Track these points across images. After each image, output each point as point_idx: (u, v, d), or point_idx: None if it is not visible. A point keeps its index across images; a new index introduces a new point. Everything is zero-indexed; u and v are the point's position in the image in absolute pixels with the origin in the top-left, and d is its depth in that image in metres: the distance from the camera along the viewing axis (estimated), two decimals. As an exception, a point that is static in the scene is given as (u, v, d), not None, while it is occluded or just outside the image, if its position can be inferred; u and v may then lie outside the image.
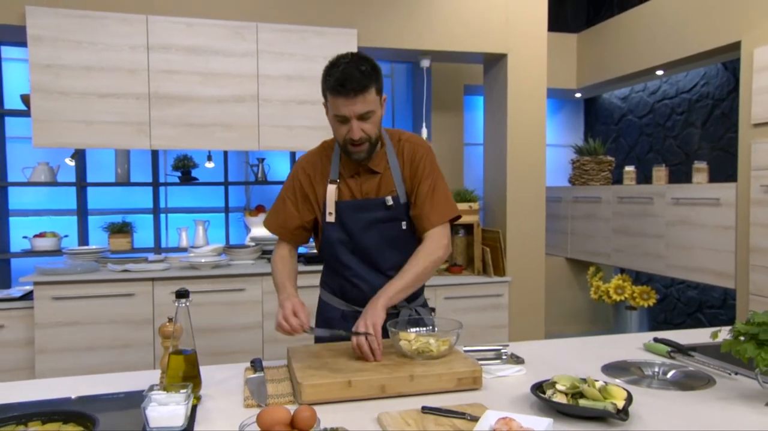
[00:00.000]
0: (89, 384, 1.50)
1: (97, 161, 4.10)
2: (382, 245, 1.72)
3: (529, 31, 3.83)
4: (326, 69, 1.61)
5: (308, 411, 1.06)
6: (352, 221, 1.71)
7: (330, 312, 1.84)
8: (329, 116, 1.65)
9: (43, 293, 3.04)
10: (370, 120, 1.59)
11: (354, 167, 1.71)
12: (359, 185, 1.72)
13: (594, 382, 1.25)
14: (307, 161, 1.79)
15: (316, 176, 1.75)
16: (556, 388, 1.25)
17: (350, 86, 1.52)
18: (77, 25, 3.12)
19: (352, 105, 1.55)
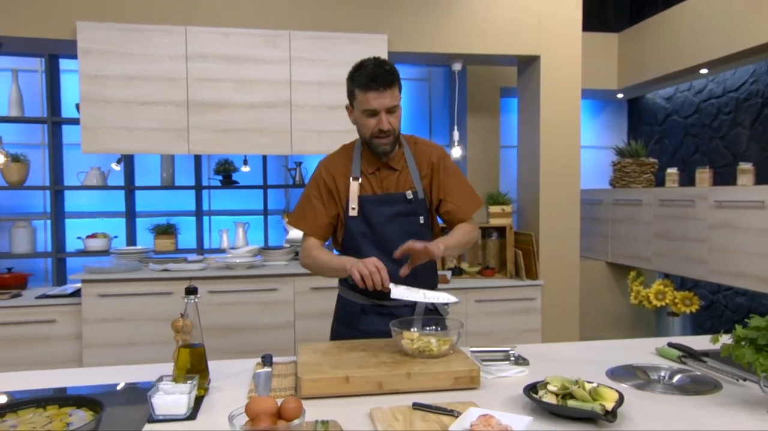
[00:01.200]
0: (112, 374, 1.61)
1: (145, 166, 4.32)
2: (402, 237, 1.78)
3: (562, 32, 3.79)
4: (353, 71, 1.79)
5: (294, 402, 1.11)
6: (374, 214, 1.81)
7: (350, 307, 1.90)
8: (355, 114, 1.80)
9: (90, 291, 3.23)
10: (394, 114, 1.75)
11: (374, 163, 1.84)
12: (379, 181, 1.84)
13: (585, 383, 1.25)
14: (328, 161, 1.91)
15: (338, 174, 1.85)
16: (548, 389, 1.26)
17: (381, 81, 1.69)
18: (122, 38, 3.31)
19: (381, 98, 1.70)
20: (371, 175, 1.84)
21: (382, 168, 1.84)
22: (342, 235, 1.86)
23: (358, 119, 1.78)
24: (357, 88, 1.74)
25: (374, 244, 1.82)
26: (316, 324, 3.46)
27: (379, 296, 1.77)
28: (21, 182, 3.97)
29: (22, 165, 3.94)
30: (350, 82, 1.78)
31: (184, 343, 1.43)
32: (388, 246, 1.78)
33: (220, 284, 3.36)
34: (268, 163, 4.39)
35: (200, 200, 4.33)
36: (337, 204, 1.85)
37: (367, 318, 1.86)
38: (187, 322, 1.44)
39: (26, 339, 3.24)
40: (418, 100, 4.90)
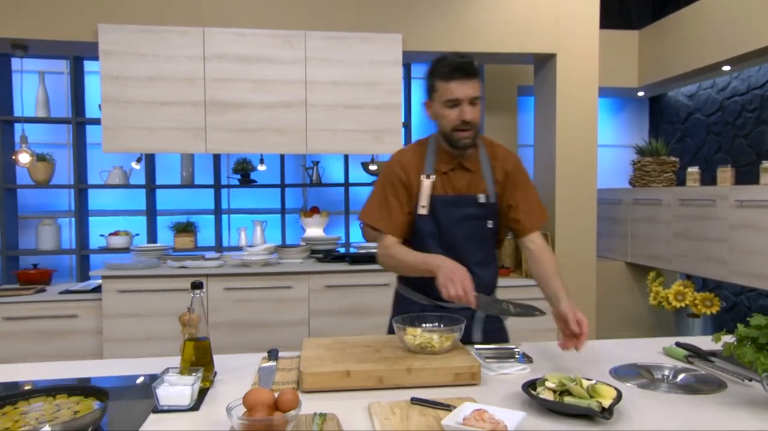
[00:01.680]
0: (125, 366, 1.66)
1: (166, 165, 4.40)
2: (469, 240, 1.81)
3: (579, 30, 3.76)
4: (433, 64, 1.75)
5: (291, 394, 1.13)
6: (445, 215, 1.79)
7: (410, 307, 1.87)
8: (435, 107, 1.76)
9: (110, 287, 3.31)
10: (476, 107, 1.72)
11: (450, 162, 1.82)
12: (452, 182, 1.81)
13: (582, 381, 1.25)
14: (402, 156, 1.87)
15: (411, 171, 1.82)
16: (546, 385, 1.26)
17: (463, 70, 1.67)
18: (142, 40, 3.39)
19: (464, 88, 1.67)
20: (444, 174, 1.81)
21: (456, 168, 1.82)
22: (412, 231, 1.84)
23: (439, 112, 1.74)
24: (438, 79, 1.71)
25: (440, 245, 1.80)
26: (330, 321, 3.49)
27: (441, 297, 1.68)
28: (47, 181, 4.08)
29: (48, 164, 4.05)
30: (430, 76, 1.75)
31: (190, 336, 1.47)
32: (455, 248, 1.78)
33: (236, 281, 3.42)
34: (285, 162, 4.44)
35: (219, 199, 4.40)
36: (411, 201, 1.82)
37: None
38: (193, 316, 1.47)
39: (50, 332, 3.34)
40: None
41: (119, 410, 1.31)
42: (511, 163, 1.87)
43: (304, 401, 1.35)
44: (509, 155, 1.90)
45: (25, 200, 4.32)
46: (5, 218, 3.99)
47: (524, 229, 1.85)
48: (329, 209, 4.55)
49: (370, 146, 3.64)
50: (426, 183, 1.79)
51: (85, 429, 1.15)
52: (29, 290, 3.46)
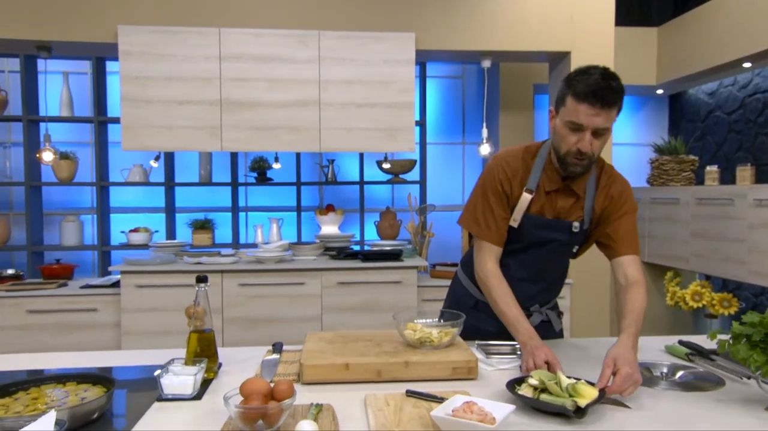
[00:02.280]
0: (138, 358, 1.72)
1: (185, 163, 4.49)
2: (549, 260, 1.75)
3: (594, 28, 3.73)
4: (574, 73, 1.54)
5: (286, 384, 1.17)
6: (532, 234, 1.70)
7: (464, 298, 1.87)
8: (557, 121, 1.59)
9: (128, 282, 3.40)
10: (602, 137, 1.54)
11: (557, 182, 1.67)
12: (552, 203, 1.69)
13: (563, 379, 1.25)
14: (506, 161, 1.72)
15: (515, 179, 1.70)
16: (529, 382, 1.27)
17: (601, 97, 1.46)
18: (160, 40, 3.46)
19: (595, 116, 1.48)
20: (547, 194, 1.68)
21: (562, 190, 1.68)
22: None
23: (559, 129, 1.57)
24: (571, 95, 1.51)
25: (517, 256, 1.75)
26: (342, 317, 3.53)
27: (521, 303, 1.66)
28: (70, 179, 4.19)
29: (71, 162, 4.17)
30: (565, 85, 1.54)
31: (194, 329, 1.51)
32: (532, 264, 1.74)
33: (250, 278, 3.48)
34: (301, 160, 4.49)
35: (236, 197, 4.47)
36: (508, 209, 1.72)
37: (477, 314, 1.82)
38: (198, 309, 1.52)
39: (71, 325, 3.44)
40: (452, 98, 4.91)
41: (127, 397, 1.36)
42: (617, 189, 1.70)
43: (304, 392, 1.40)
44: (618, 179, 1.72)
45: (50, 197, 4.45)
46: (31, 215, 4.11)
47: (611, 253, 1.70)
48: (345, 207, 4.59)
49: (383, 145, 3.67)
50: (525, 198, 1.67)
51: (91, 414, 1.20)
52: (52, 284, 3.56)
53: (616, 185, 1.70)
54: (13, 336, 3.38)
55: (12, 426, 1.07)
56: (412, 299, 3.56)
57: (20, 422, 1.04)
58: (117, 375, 1.50)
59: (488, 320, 1.78)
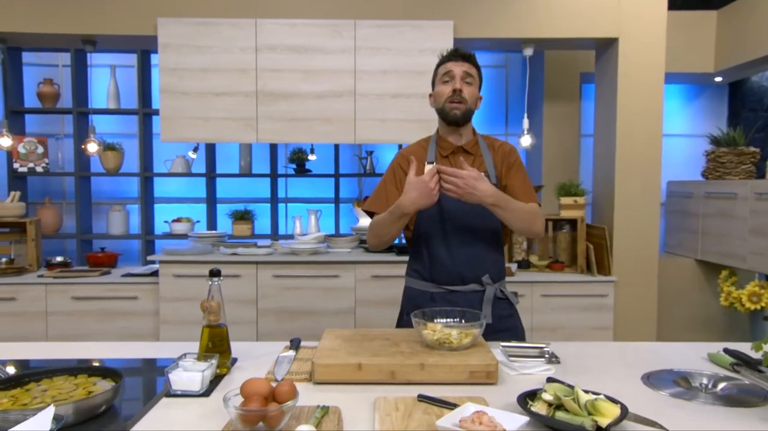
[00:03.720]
0: (167, 350, 1.72)
1: (226, 154, 4.54)
2: (473, 220, 1.87)
3: (644, 12, 3.53)
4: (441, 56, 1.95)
5: (287, 386, 1.13)
6: (447, 197, 1.79)
7: (418, 298, 1.93)
8: (435, 92, 1.92)
9: (166, 271, 3.46)
10: (471, 86, 1.87)
11: (449, 147, 1.93)
12: (454, 164, 1.86)
13: (581, 394, 1.14)
14: (406, 149, 2.03)
15: (414, 158, 1.84)
16: (542, 397, 1.18)
17: (460, 53, 1.89)
18: (197, 32, 3.49)
19: (459, 65, 1.86)
20: (445, 158, 1.92)
21: (457, 151, 1.92)
22: (415, 218, 1.91)
23: (436, 91, 1.91)
24: (439, 65, 1.91)
25: (445, 226, 1.88)
26: (376, 311, 3.49)
27: (450, 282, 1.87)
28: (116, 169, 4.30)
29: (117, 153, 4.27)
30: (434, 70, 1.94)
31: (210, 323, 1.49)
32: (459, 228, 1.87)
33: (284, 269, 3.48)
34: (340, 152, 4.46)
35: (275, 188, 4.49)
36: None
37: (435, 304, 1.86)
38: (212, 303, 1.50)
39: (113, 312, 3.53)
40: (496, 87, 4.77)
41: (138, 391, 1.35)
42: (508, 148, 1.99)
43: (314, 392, 1.36)
44: (507, 145, 2.01)
45: (100, 186, 4.59)
46: (80, 204, 4.24)
47: None
48: (383, 199, 4.53)
49: (418, 136, 3.53)
50: (428, 168, 1.81)
51: (98, 408, 1.19)
52: (96, 272, 3.67)
53: (506, 145, 2.00)
54: (60, 321, 3.50)
55: (16, 418, 1.07)
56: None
57: (25, 415, 1.04)
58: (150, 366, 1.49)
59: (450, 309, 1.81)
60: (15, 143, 4.02)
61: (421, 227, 1.91)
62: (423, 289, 1.92)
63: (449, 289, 1.88)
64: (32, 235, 3.76)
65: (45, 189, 4.54)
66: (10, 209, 3.79)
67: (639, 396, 1.33)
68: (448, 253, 1.87)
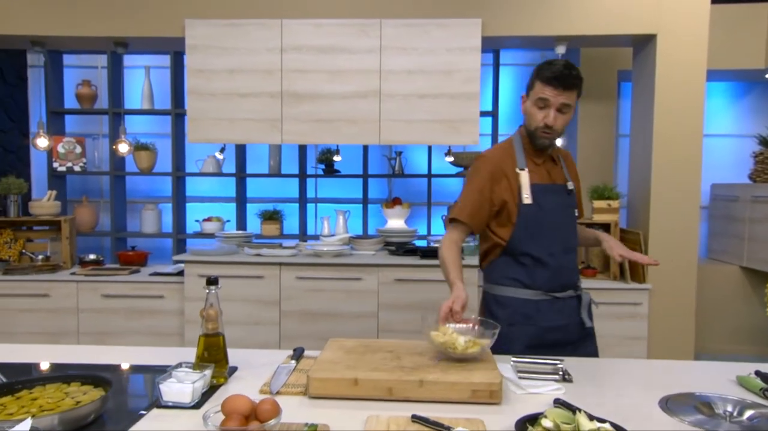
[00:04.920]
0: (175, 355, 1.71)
1: (257, 154, 4.55)
2: (567, 226, 1.91)
3: (685, 6, 3.35)
4: (543, 64, 1.84)
5: (269, 404, 1.08)
6: (546, 202, 1.87)
7: (522, 307, 1.87)
8: (528, 104, 1.87)
9: (191, 271, 3.48)
10: (565, 116, 1.82)
11: (539, 154, 1.92)
12: (544, 171, 1.92)
13: (583, 422, 1.05)
14: (491, 154, 1.96)
15: (505, 166, 1.89)
16: (543, 424, 1.09)
17: (565, 81, 1.77)
18: (224, 33, 3.50)
19: (559, 95, 1.78)
20: (537, 166, 1.91)
21: (547, 160, 1.94)
22: (515, 223, 1.86)
23: (529, 109, 1.86)
24: (538, 79, 1.81)
25: (545, 232, 1.86)
26: (398, 315, 3.43)
27: (552, 289, 1.85)
28: (150, 169, 4.37)
29: (151, 153, 4.34)
30: (534, 74, 1.85)
31: (208, 331, 1.46)
32: (558, 234, 1.88)
33: (308, 271, 3.45)
34: (369, 153, 4.42)
35: (304, 188, 4.48)
36: (505, 193, 1.87)
37: (545, 316, 1.85)
38: (210, 311, 1.47)
39: (140, 310, 3.58)
40: (530, 86, 4.63)
41: (130, 402, 1.33)
42: (568, 155, 2.06)
43: (308, 407, 1.32)
44: (571, 155, 2.09)
45: (136, 186, 4.68)
46: (115, 203, 4.33)
47: None
48: (413, 200, 4.47)
49: (445, 137, 3.51)
50: (523, 174, 1.86)
51: (85, 418, 1.18)
52: (125, 270, 3.73)
53: (563, 150, 2.06)
54: (91, 318, 3.57)
55: (-4, 430, 1.06)
56: (472, 299, 3.39)
57: (2, 428, 1.03)
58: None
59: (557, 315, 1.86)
60: (53, 143, 4.14)
61: (522, 235, 1.86)
62: (526, 297, 1.86)
63: (554, 296, 1.85)
64: (66, 233, 3.85)
65: (84, 188, 4.67)
66: (47, 207, 3.90)
67: (654, 424, 1.23)
68: (553, 259, 1.85)
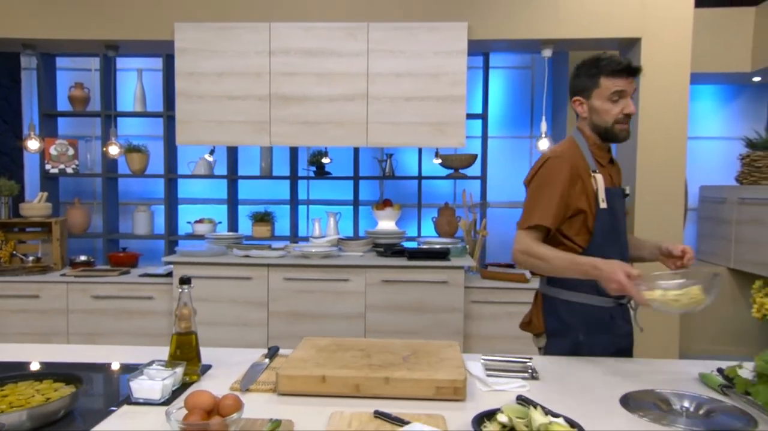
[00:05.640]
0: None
1: (250, 156, 4.58)
2: (623, 230, 1.87)
3: (669, 11, 3.39)
4: (596, 60, 1.80)
5: (231, 399, 1.11)
6: (616, 206, 1.84)
7: (598, 313, 1.80)
8: (593, 103, 1.79)
9: (179, 272, 3.51)
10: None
11: (605, 156, 1.88)
12: (609, 174, 1.87)
13: (536, 418, 1.08)
14: (567, 154, 1.81)
15: (580, 168, 1.79)
16: (498, 419, 1.12)
17: (631, 69, 1.75)
18: (213, 36, 3.53)
19: (631, 84, 1.77)
20: (603, 167, 1.85)
21: (611, 162, 1.91)
22: (593, 228, 1.78)
23: (600, 107, 1.78)
24: (604, 76, 1.76)
25: (614, 237, 1.82)
26: (385, 316, 3.46)
27: (620, 295, 1.73)
28: (142, 171, 4.40)
29: (143, 155, 4.37)
30: (592, 74, 1.78)
31: (182, 330, 1.49)
32: (622, 239, 1.84)
33: (295, 272, 3.48)
34: (361, 155, 4.45)
35: (295, 190, 4.51)
36: (582, 197, 1.77)
37: (616, 322, 1.82)
38: (184, 310, 1.50)
39: (130, 311, 3.60)
40: (521, 88, 4.67)
41: (100, 399, 1.36)
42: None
43: (276, 404, 1.34)
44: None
45: (129, 188, 4.71)
46: (107, 204, 4.36)
47: None
48: (405, 202, 4.50)
49: (432, 139, 3.54)
50: (599, 178, 1.80)
51: (54, 414, 1.21)
52: (115, 272, 3.76)
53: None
54: (81, 319, 3.60)
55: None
56: (458, 300, 3.42)
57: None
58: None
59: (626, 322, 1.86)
60: (46, 145, 4.17)
61: (600, 241, 1.78)
62: (600, 305, 1.79)
63: (619, 302, 1.82)
64: (57, 234, 3.88)
65: (76, 190, 4.69)
66: (37, 209, 3.93)
67: (612, 419, 1.26)
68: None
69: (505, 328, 3.48)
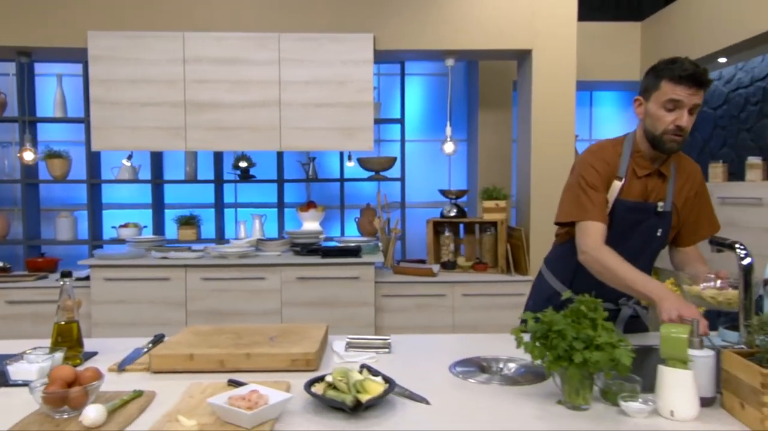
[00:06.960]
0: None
1: (176, 161, 4.65)
2: (636, 248, 1.79)
3: (555, 26, 3.71)
4: (668, 63, 1.68)
5: (91, 371, 1.27)
6: (622, 219, 1.77)
7: (553, 297, 1.88)
8: (650, 106, 1.71)
9: (98, 275, 3.59)
10: (693, 117, 1.68)
11: (647, 167, 1.78)
12: (644, 186, 1.78)
13: (352, 375, 1.29)
14: (603, 153, 1.80)
15: (610, 168, 1.78)
16: (326, 379, 1.32)
17: (698, 79, 1.63)
18: (127, 45, 3.63)
19: (692, 95, 1.64)
20: (638, 179, 1.78)
21: (653, 174, 1.79)
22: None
23: (654, 112, 1.70)
24: (667, 80, 1.65)
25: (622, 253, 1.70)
26: (301, 311, 3.63)
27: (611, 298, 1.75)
28: (63, 176, 4.42)
29: (64, 161, 4.39)
30: (658, 75, 1.69)
31: (58, 320, 1.63)
32: (623, 253, 1.69)
33: (213, 272, 3.61)
34: (285, 158, 4.60)
35: (220, 194, 4.62)
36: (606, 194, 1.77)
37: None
38: (67, 302, 1.63)
39: (47, 315, 3.64)
40: (438, 94, 4.93)
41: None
42: (699, 176, 1.87)
43: (148, 380, 1.51)
44: (696, 169, 1.88)
45: (51, 194, 4.70)
46: (27, 210, 4.35)
47: (686, 241, 1.89)
48: (330, 204, 4.68)
49: (341, 143, 3.75)
50: (616, 185, 1.76)
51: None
52: (31, 277, 3.79)
53: (698, 172, 1.87)
54: (-3, 324, 3.62)
55: None
56: (369, 294, 3.63)
57: None
58: None
59: None
60: (-41, 152, 4.14)
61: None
62: (557, 289, 1.93)
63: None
64: (-28, 241, 3.87)
65: (-4, 196, 4.66)
66: (-49, 216, 3.91)
67: (434, 377, 1.49)
68: None
69: (415, 319, 3.71)
